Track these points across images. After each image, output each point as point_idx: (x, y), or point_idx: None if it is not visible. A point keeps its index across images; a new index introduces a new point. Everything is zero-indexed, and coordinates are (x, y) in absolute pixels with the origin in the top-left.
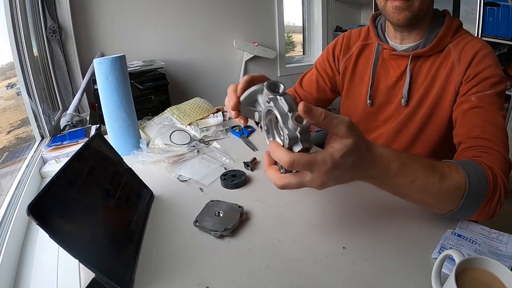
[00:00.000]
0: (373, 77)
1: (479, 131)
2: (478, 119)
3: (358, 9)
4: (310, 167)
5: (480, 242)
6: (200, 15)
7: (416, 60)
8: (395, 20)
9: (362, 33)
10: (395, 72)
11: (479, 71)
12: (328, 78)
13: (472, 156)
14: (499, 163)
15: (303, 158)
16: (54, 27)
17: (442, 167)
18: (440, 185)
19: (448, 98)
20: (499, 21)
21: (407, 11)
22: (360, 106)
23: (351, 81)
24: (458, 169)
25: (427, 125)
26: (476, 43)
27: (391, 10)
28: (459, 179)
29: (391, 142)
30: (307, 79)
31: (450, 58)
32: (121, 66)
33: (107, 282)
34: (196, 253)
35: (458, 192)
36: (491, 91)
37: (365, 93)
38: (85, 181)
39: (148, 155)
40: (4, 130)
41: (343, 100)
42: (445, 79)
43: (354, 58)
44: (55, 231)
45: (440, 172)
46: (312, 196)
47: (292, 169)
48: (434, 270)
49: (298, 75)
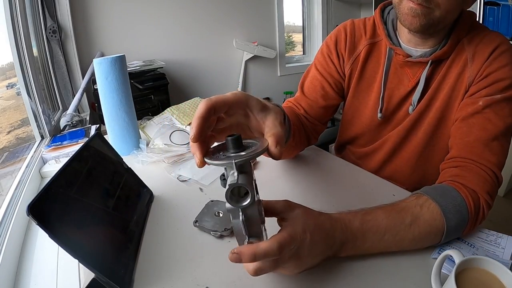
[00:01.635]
0: (385, 87)
1: (473, 143)
2: (476, 128)
3: (358, 9)
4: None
5: (478, 246)
6: (200, 15)
7: (434, 65)
8: (407, 24)
9: (367, 27)
10: (410, 81)
11: (491, 71)
12: (333, 81)
13: (456, 174)
14: (485, 184)
15: (284, 239)
16: (54, 27)
17: (411, 208)
18: (413, 230)
19: (459, 99)
20: (499, 20)
21: (423, 18)
22: (367, 117)
23: (357, 86)
24: (430, 206)
25: (438, 129)
26: (495, 37)
27: (405, 10)
28: (433, 218)
29: (398, 148)
30: (310, 85)
31: (463, 55)
32: (121, 66)
33: (107, 282)
34: (196, 253)
35: (436, 232)
36: (501, 95)
37: (373, 103)
38: (85, 181)
39: (148, 155)
40: (4, 130)
41: (347, 107)
42: (456, 79)
43: (361, 60)
44: (55, 231)
45: (410, 215)
46: (312, 196)
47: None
48: (434, 270)
49: (298, 75)
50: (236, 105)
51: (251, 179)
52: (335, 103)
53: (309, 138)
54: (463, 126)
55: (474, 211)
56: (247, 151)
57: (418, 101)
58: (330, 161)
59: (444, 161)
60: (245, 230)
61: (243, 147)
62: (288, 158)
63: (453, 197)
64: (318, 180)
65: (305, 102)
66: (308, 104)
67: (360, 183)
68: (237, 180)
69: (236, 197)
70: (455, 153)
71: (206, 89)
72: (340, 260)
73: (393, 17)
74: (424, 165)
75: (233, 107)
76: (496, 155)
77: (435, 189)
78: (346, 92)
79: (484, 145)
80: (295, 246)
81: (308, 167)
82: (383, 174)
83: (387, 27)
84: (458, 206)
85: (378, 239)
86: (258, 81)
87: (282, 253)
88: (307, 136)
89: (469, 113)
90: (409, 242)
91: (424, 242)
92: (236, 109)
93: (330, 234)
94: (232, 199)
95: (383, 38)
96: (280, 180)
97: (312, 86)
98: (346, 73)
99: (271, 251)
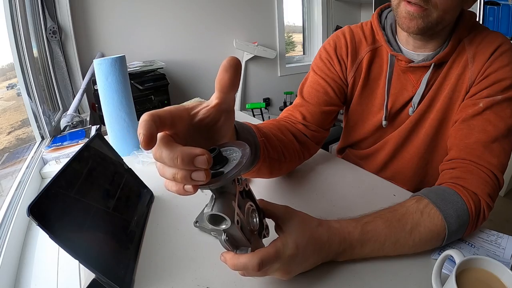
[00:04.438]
0: (388, 94)
1: (473, 144)
2: (477, 130)
3: (358, 9)
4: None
5: (478, 246)
6: (200, 15)
7: (437, 67)
8: (405, 27)
9: (366, 33)
10: (414, 86)
11: (492, 71)
12: (336, 86)
13: (457, 176)
14: (485, 186)
15: (267, 253)
16: (54, 27)
17: (411, 214)
18: (414, 237)
19: (460, 100)
20: (500, 20)
21: (420, 20)
22: (371, 123)
23: (361, 93)
24: (431, 211)
25: (439, 131)
26: (496, 38)
27: (403, 13)
28: (434, 224)
29: (400, 149)
30: (311, 90)
31: (463, 55)
32: (121, 66)
33: (107, 283)
34: (196, 254)
35: (437, 237)
36: (502, 96)
37: (377, 109)
38: (85, 181)
39: (148, 155)
40: (4, 131)
41: (351, 112)
42: (457, 80)
43: (365, 67)
44: (55, 232)
45: (410, 223)
46: (312, 196)
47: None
48: (435, 270)
49: (298, 75)
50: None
51: (230, 199)
52: (337, 109)
53: (307, 149)
54: (464, 127)
55: (475, 214)
56: (226, 166)
57: (418, 102)
58: (330, 161)
59: (443, 162)
60: (229, 247)
61: (223, 161)
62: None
63: (454, 202)
64: (318, 179)
65: (305, 107)
66: (309, 109)
67: (360, 183)
68: (211, 208)
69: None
70: (454, 154)
71: (206, 89)
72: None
73: (392, 22)
74: (425, 166)
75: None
76: (497, 157)
77: (436, 193)
78: (350, 98)
79: (485, 147)
80: (281, 263)
81: (308, 167)
82: (385, 175)
83: (386, 32)
84: (459, 211)
85: (377, 248)
86: (258, 81)
87: (263, 269)
88: (301, 148)
89: (470, 114)
90: (409, 248)
91: (424, 247)
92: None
93: (325, 247)
94: (210, 221)
95: (383, 44)
96: (280, 179)
97: (314, 91)
98: (349, 80)
99: (250, 266)
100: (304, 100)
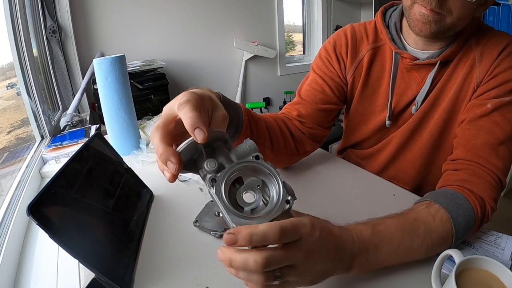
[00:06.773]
0: (392, 93)
1: (480, 146)
2: (484, 131)
3: (358, 8)
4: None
5: (477, 247)
6: (200, 15)
7: (442, 65)
8: (417, 30)
9: (369, 32)
10: (419, 85)
11: (500, 71)
12: (334, 85)
13: (464, 179)
14: (491, 190)
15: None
16: (54, 27)
17: (424, 219)
18: (427, 242)
19: (467, 100)
20: (500, 20)
21: (434, 25)
22: (374, 123)
23: (362, 92)
24: (443, 217)
25: (444, 131)
26: (503, 37)
27: (416, 16)
28: (445, 230)
29: (402, 148)
30: (308, 88)
31: (470, 54)
32: (121, 66)
33: (107, 282)
34: (196, 253)
35: (446, 243)
36: (510, 98)
37: (380, 109)
38: (85, 181)
39: (148, 155)
40: (4, 130)
41: (352, 113)
42: (464, 79)
43: (365, 66)
44: (55, 231)
45: (424, 227)
46: (312, 196)
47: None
48: (434, 270)
49: (298, 75)
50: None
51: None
52: (336, 108)
53: (303, 145)
54: (471, 128)
55: (480, 218)
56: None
57: (422, 101)
58: (331, 161)
59: (447, 161)
60: (222, 205)
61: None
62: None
63: (463, 207)
64: (318, 179)
65: (301, 105)
66: (305, 107)
67: (360, 183)
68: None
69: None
70: (460, 154)
71: None
72: None
73: (396, 20)
74: (428, 166)
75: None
76: (502, 160)
77: (446, 197)
78: (350, 98)
79: (491, 150)
80: (301, 241)
81: (308, 167)
82: (387, 175)
83: (390, 31)
84: (468, 217)
85: (392, 252)
86: (258, 81)
87: (283, 240)
88: (296, 142)
89: (477, 115)
90: (420, 254)
91: (433, 252)
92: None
93: (339, 244)
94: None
95: (387, 43)
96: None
97: (311, 89)
98: (349, 79)
99: (271, 234)
100: (301, 98)
